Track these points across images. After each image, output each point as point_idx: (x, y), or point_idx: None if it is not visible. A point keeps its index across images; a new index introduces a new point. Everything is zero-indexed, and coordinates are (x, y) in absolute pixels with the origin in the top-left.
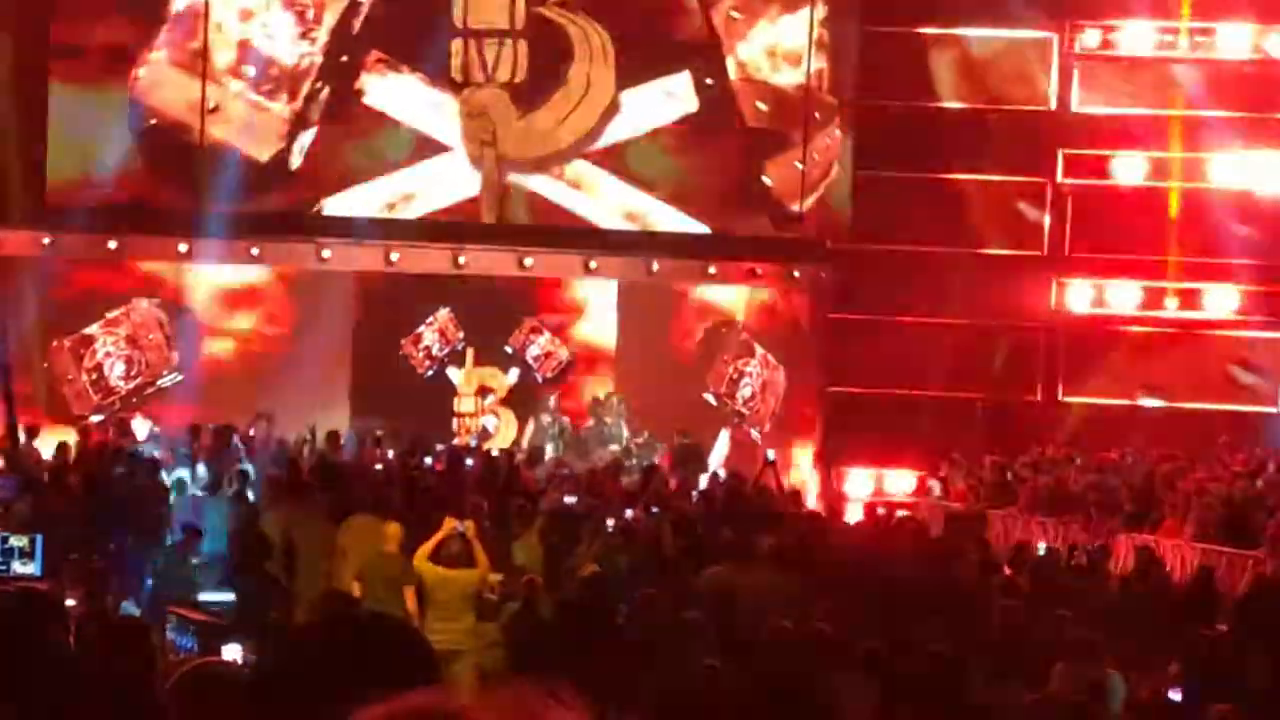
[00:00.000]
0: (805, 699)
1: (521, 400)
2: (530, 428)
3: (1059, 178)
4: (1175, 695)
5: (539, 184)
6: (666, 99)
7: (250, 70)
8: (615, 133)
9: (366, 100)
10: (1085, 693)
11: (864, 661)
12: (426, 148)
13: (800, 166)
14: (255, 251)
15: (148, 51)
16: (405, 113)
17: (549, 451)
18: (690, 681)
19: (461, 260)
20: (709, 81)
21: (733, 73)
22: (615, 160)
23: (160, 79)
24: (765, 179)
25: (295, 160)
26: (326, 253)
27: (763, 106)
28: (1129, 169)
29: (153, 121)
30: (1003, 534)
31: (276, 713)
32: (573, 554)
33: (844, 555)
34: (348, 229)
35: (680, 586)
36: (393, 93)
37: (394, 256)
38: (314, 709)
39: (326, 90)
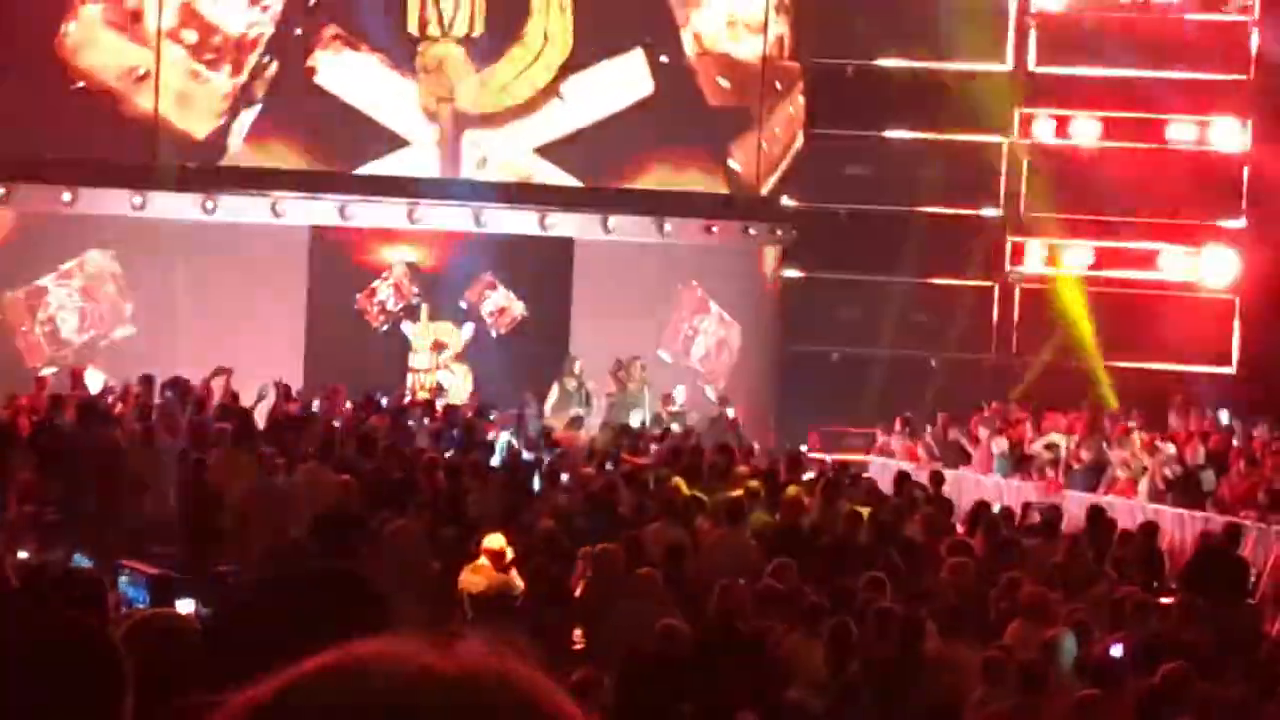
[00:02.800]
0: (755, 655)
1: (473, 355)
2: (554, 393)
3: (1015, 137)
4: (1116, 651)
5: (495, 140)
6: (619, 82)
7: (191, 36)
8: (565, 123)
9: (318, 80)
10: (1037, 651)
11: (813, 618)
12: (381, 141)
13: (765, 147)
14: (209, 205)
15: (79, 5)
16: (361, 98)
17: (571, 413)
18: (646, 638)
19: (417, 215)
20: (664, 59)
21: (689, 48)
22: (565, 156)
23: (90, 38)
24: (732, 163)
25: (234, 143)
26: (281, 206)
27: (724, 83)
28: (1086, 130)
29: (80, 85)
30: (955, 493)
31: (227, 661)
32: (529, 509)
33: (794, 513)
34: (302, 183)
35: (633, 542)
36: (348, 74)
37: (349, 211)
38: (265, 658)
39: (275, 65)
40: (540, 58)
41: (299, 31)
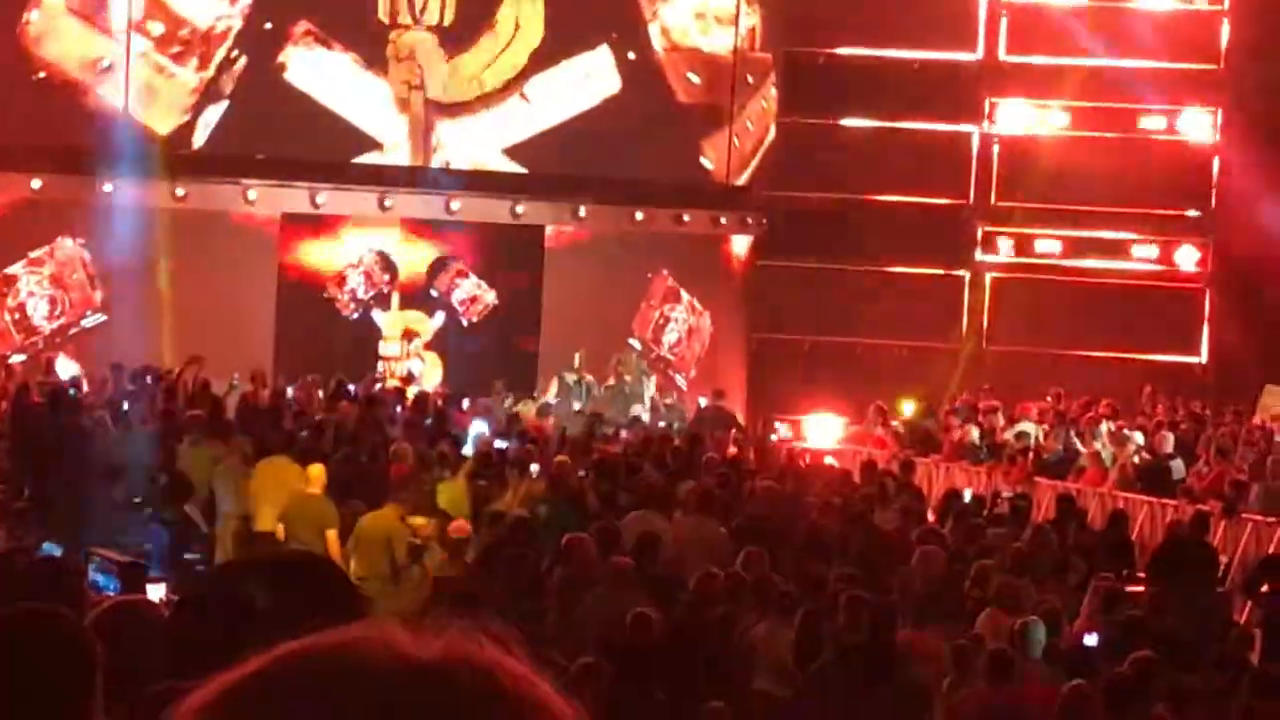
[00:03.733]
0: (725, 643)
1: (444, 343)
2: (554, 386)
3: (986, 126)
4: (1091, 640)
5: (466, 127)
6: (584, 80)
7: (157, 28)
8: (531, 124)
9: (288, 77)
10: (1007, 639)
11: (783, 606)
12: (351, 141)
13: (737, 144)
14: (180, 192)
15: None
16: (331, 97)
17: (575, 409)
18: (618, 626)
19: (388, 204)
20: (631, 55)
21: (657, 43)
22: (533, 158)
23: (53, 28)
24: (704, 161)
25: (199, 138)
26: (252, 194)
27: (695, 79)
28: (1055, 119)
29: (41, 75)
30: (926, 481)
31: (196, 647)
32: (499, 498)
33: (767, 502)
34: (273, 171)
35: (606, 532)
36: (319, 72)
37: (320, 199)
38: (234, 643)
39: (243, 60)
40: (512, 45)
41: (269, 26)
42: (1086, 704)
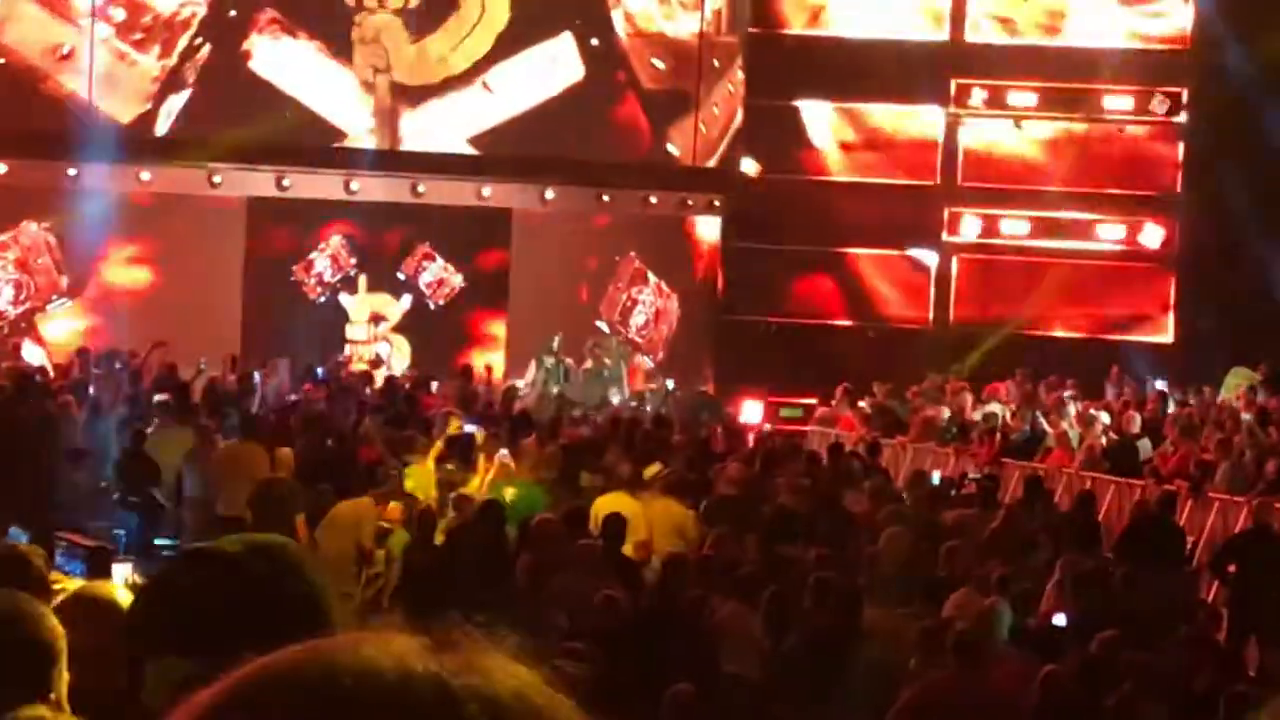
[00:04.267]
0: (693, 625)
1: (413, 326)
2: (532, 370)
3: (953, 107)
4: (1060, 620)
5: (430, 115)
6: (547, 68)
7: (119, 14)
8: (491, 115)
9: (253, 65)
10: (974, 621)
11: (750, 588)
12: (317, 133)
13: (704, 130)
14: (145, 176)
15: None
16: (297, 86)
17: (552, 394)
18: (585, 609)
19: (354, 186)
20: (594, 41)
21: (620, 28)
22: (494, 141)
23: (13, 13)
24: (670, 148)
25: (161, 127)
26: (218, 178)
27: (659, 64)
28: (1023, 99)
29: (1, 61)
30: (893, 463)
31: (160, 633)
32: (467, 482)
33: (735, 483)
34: (239, 154)
35: (574, 514)
36: (285, 61)
37: (286, 182)
38: (197, 629)
39: (207, 48)
40: (477, 28)
41: (234, 14)
42: (1061, 689)
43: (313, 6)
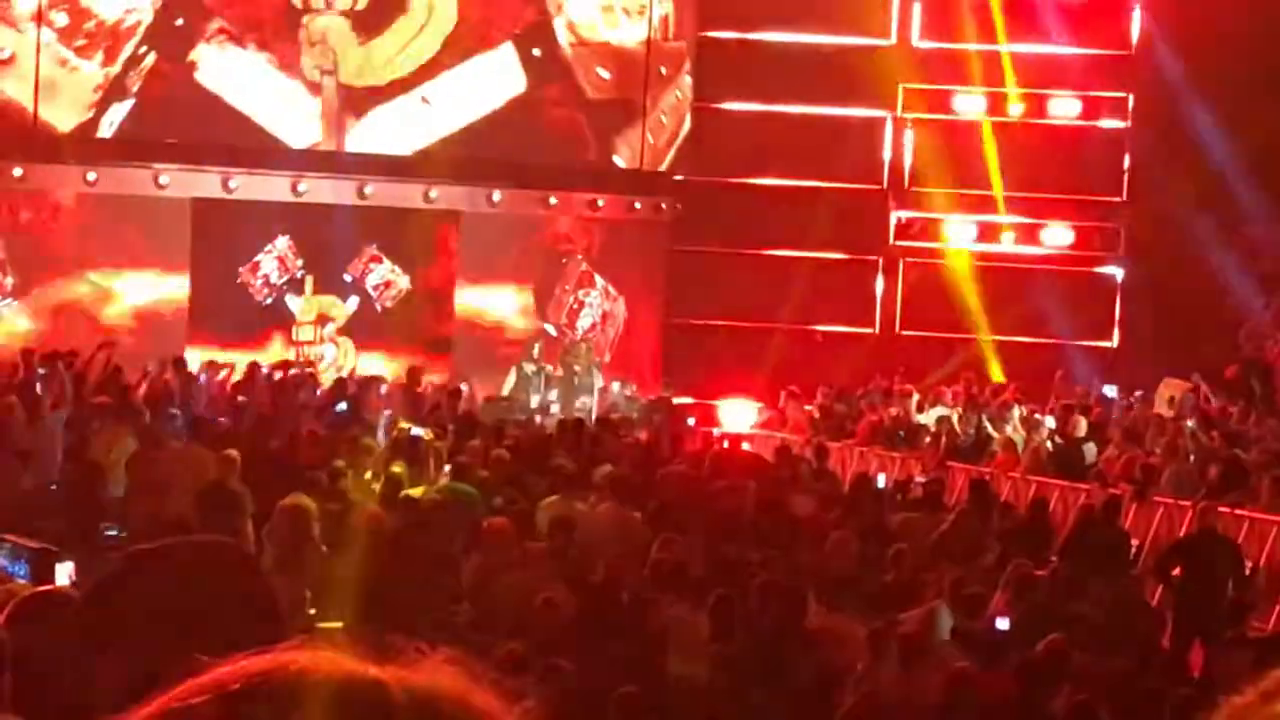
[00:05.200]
0: (638, 627)
1: (359, 328)
2: (512, 376)
3: (899, 111)
4: (1003, 624)
5: (380, 113)
6: (487, 80)
7: (61, 19)
8: (435, 128)
9: (199, 76)
10: (917, 624)
11: (697, 591)
12: (262, 147)
13: (652, 140)
14: (91, 176)
15: None
16: (244, 100)
17: (533, 401)
18: (532, 612)
19: (301, 188)
20: (536, 52)
21: (563, 38)
22: (440, 148)
23: None
24: (617, 159)
25: (104, 134)
26: (164, 179)
27: (604, 74)
28: (968, 105)
29: None
30: (840, 466)
31: (104, 635)
32: (414, 485)
33: (681, 487)
34: (185, 155)
35: (521, 517)
36: (232, 72)
37: (233, 183)
38: (143, 632)
39: (152, 57)
40: (425, 30)
41: (180, 22)
42: (968, 689)
43: (262, 16)
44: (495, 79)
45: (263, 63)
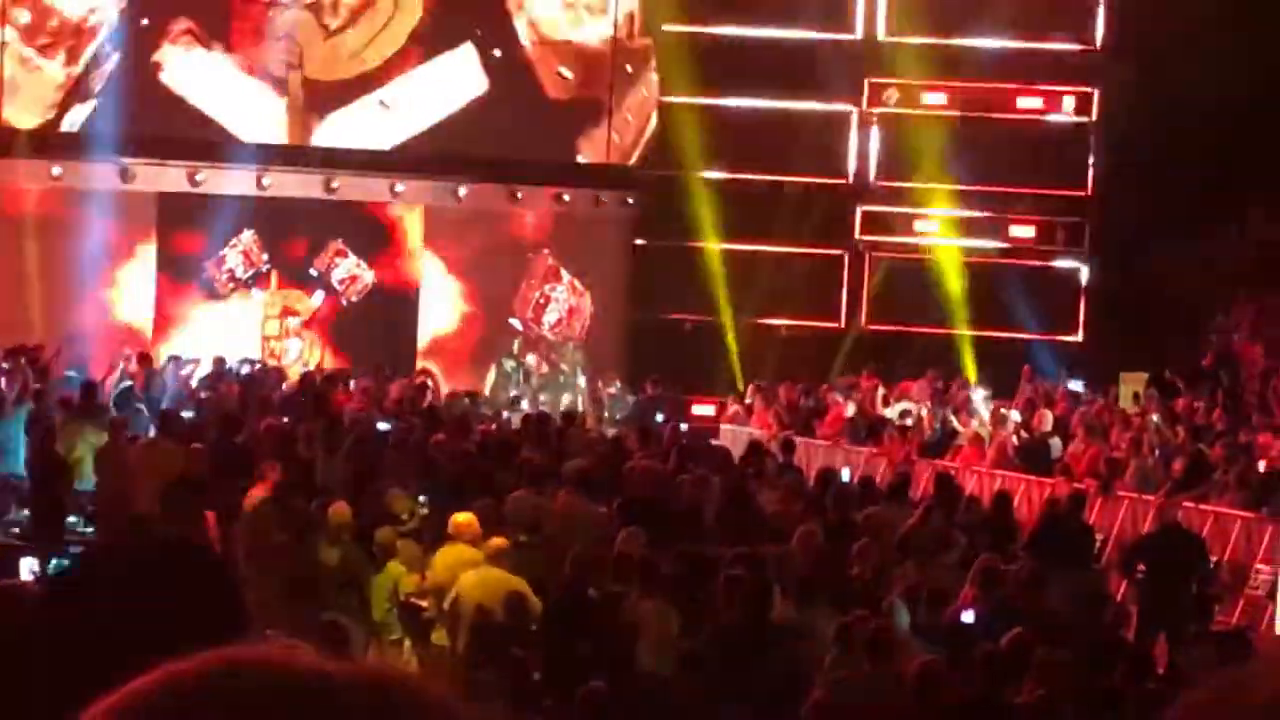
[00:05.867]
0: (605, 622)
1: (325, 323)
2: (492, 374)
3: (864, 106)
4: (968, 617)
5: (341, 115)
6: (448, 82)
7: (23, 16)
8: (392, 134)
9: (163, 78)
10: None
11: (665, 585)
12: (229, 141)
13: (617, 140)
14: (56, 171)
15: None
16: (210, 103)
17: (513, 396)
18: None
19: (266, 182)
20: (497, 52)
21: (524, 37)
22: (400, 155)
23: None
24: (580, 159)
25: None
26: (130, 173)
27: (566, 73)
28: (933, 100)
29: None
30: (806, 461)
31: (68, 632)
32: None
33: (647, 481)
34: (151, 149)
35: (488, 510)
36: (199, 74)
37: (199, 178)
38: (106, 629)
39: (116, 57)
40: (391, 24)
41: (146, 22)
42: (937, 682)
43: (228, 16)
44: (455, 81)
45: (229, 65)
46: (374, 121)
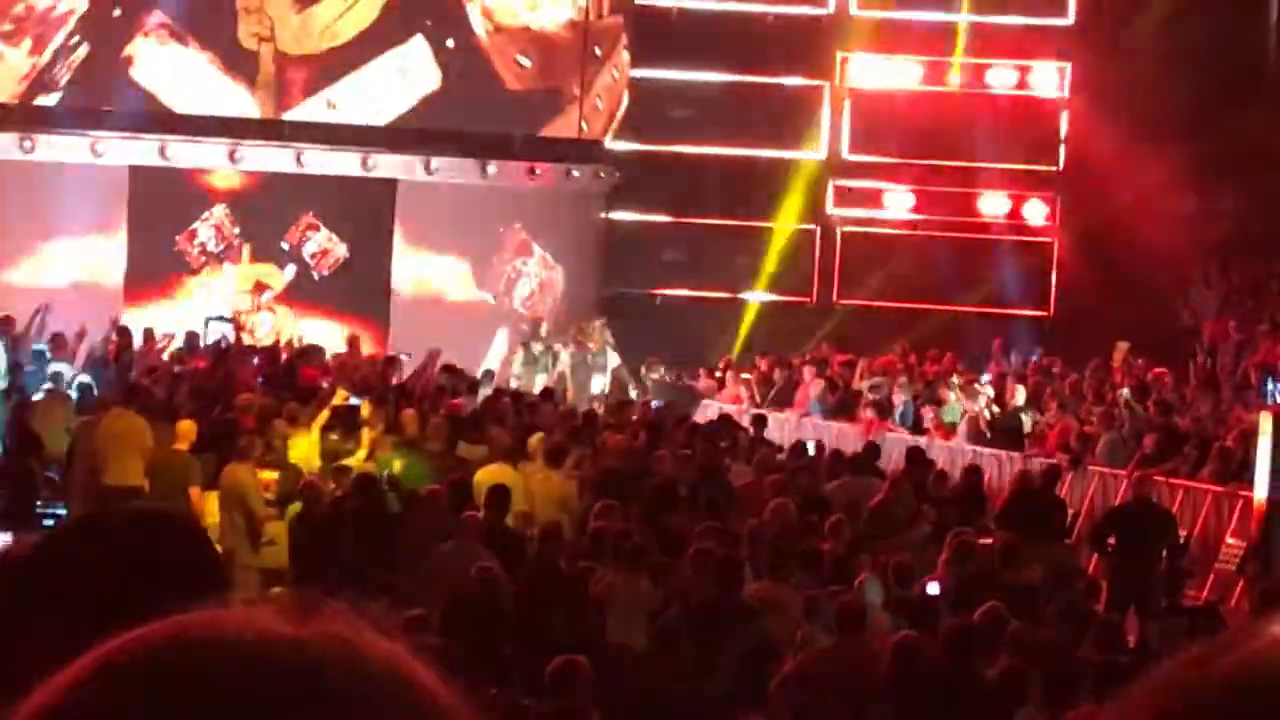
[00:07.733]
0: (577, 596)
1: (297, 296)
2: (518, 357)
3: (837, 81)
4: (933, 589)
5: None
6: (397, 79)
7: None
8: (362, 113)
9: (134, 73)
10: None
11: (635, 559)
12: (201, 115)
13: (586, 128)
14: (28, 144)
15: None
16: (182, 100)
17: (538, 382)
18: (466, 581)
19: (238, 156)
20: (450, 43)
21: (478, 26)
22: (372, 129)
23: None
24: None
25: None
26: (101, 146)
27: (525, 62)
28: (906, 73)
29: None
30: (778, 434)
31: (44, 602)
32: (351, 452)
33: (619, 455)
34: (122, 122)
35: (457, 485)
36: (171, 71)
37: (170, 151)
38: (83, 600)
39: (85, 48)
40: None
41: (118, 13)
42: (916, 657)
43: (207, 12)
44: (404, 77)
45: (204, 63)
46: (345, 100)
